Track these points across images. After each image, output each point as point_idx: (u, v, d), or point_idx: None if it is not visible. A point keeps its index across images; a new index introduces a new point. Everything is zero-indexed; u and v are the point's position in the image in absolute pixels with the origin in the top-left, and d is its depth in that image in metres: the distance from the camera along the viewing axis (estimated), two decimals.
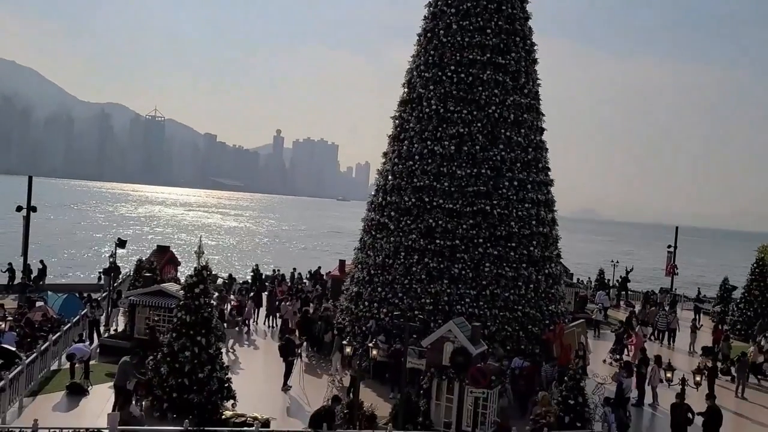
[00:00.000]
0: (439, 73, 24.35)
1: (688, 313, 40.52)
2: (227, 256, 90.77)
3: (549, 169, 26.00)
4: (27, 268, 34.72)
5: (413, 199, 23.92)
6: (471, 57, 24.12)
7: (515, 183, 23.99)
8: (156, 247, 37.66)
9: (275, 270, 42.48)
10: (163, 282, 26.81)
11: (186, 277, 19.28)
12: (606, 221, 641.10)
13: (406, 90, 25.72)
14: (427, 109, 24.36)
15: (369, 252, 25.04)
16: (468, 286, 23.04)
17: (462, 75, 24.11)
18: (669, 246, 49.27)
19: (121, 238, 34.87)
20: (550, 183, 25.91)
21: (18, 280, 34.40)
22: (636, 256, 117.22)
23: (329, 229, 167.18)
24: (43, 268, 37.84)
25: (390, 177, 25.07)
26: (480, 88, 24.02)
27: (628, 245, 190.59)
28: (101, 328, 26.64)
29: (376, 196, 25.80)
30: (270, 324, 31.14)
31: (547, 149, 26.11)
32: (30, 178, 34.25)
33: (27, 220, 33.74)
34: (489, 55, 24.16)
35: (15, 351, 20.40)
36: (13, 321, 25.01)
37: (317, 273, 42.03)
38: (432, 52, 24.69)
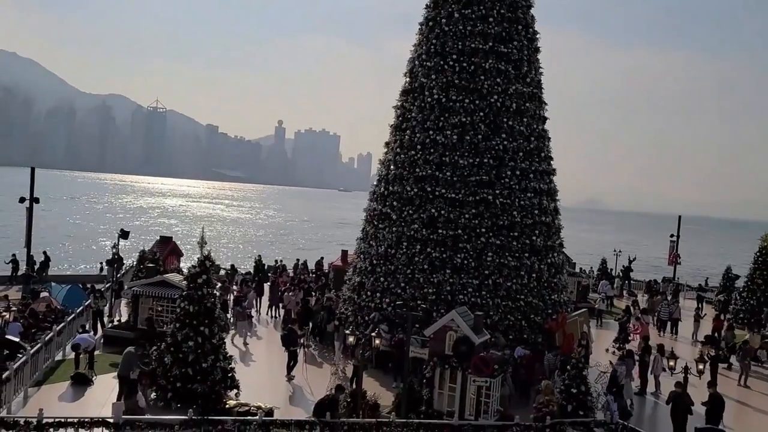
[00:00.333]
0: (441, 62, 24.25)
1: (690, 303, 40.52)
2: (229, 246, 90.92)
3: (551, 159, 25.94)
4: (30, 259, 34.79)
5: (415, 189, 23.90)
6: (473, 46, 24.02)
7: (518, 172, 23.94)
8: (159, 238, 37.73)
9: (276, 261, 42.56)
10: (166, 273, 26.87)
11: (189, 268, 19.32)
12: (610, 211, 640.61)
13: (407, 79, 25.64)
14: (429, 99, 24.28)
15: (371, 242, 25.06)
16: (470, 275, 23.06)
17: (464, 64, 24.00)
18: (672, 235, 49.19)
19: (124, 229, 34.91)
20: (552, 172, 25.86)
21: (22, 271, 34.50)
22: (639, 245, 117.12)
23: (333, 220, 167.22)
24: (46, 259, 37.95)
25: (392, 167, 25.03)
26: (482, 77, 23.93)
27: (631, 235, 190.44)
28: (105, 318, 26.73)
29: (378, 186, 25.77)
30: (273, 314, 31.22)
31: (550, 138, 26.05)
32: (32, 169, 34.19)
33: (30, 211, 33.74)
34: (491, 44, 24.05)
35: (19, 342, 20.50)
36: (18, 312, 25.11)
37: (319, 263, 42.13)
38: (434, 41, 24.57)
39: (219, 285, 29.13)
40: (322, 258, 44.58)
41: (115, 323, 26.03)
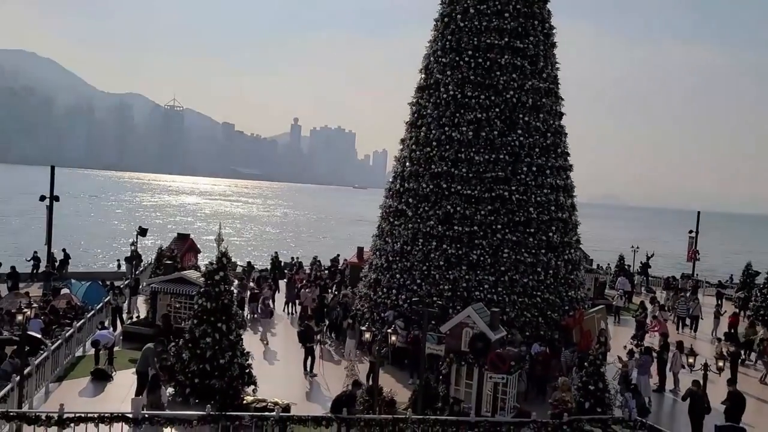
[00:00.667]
0: (457, 58, 24.17)
1: (710, 299, 40.06)
2: (246, 243, 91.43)
3: (568, 154, 25.76)
4: (51, 256, 35.26)
5: (431, 186, 23.87)
6: (488, 41, 23.91)
7: (534, 168, 23.81)
8: (176, 235, 38.06)
9: (292, 258, 42.75)
10: (184, 269, 27.10)
11: (206, 265, 19.47)
12: (627, 206, 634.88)
13: (423, 76, 25.59)
14: (445, 95, 24.22)
15: (387, 239, 25.07)
16: (486, 272, 23.00)
17: (479, 60, 23.91)
18: (691, 231, 48.64)
19: (142, 226, 35.26)
20: (569, 168, 25.68)
21: (42, 268, 34.97)
22: (657, 241, 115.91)
23: (349, 217, 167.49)
24: (66, 256, 38.42)
25: (407, 163, 25.02)
26: (498, 72, 23.82)
27: (649, 231, 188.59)
28: (124, 315, 27.04)
29: (393, 182, 25.77)
30: (289, 311, 31.36)
31: (566, 134, 25.87)
32: (52, 168, 34.66)
33: (50, 209, 34.22)
34: (507, 39, 23.93)
35: (40, 338, 20.82)
36: (39, 309, 25.46)
37: (335, 260, 42.27)
38: (449, 37, 24.49)
39: (236, 282, 29.34)
40: (338, 255, 44.71)
41: (134, 320, 26.34)
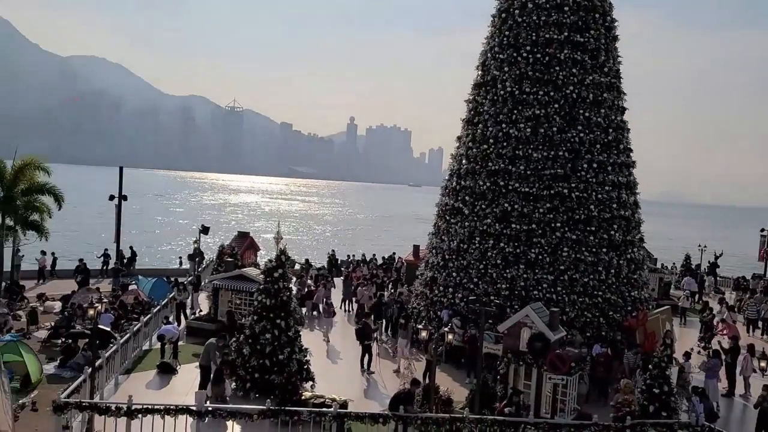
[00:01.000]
0: (514, 54, 23.81)
1: None
2: (304, 241, 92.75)
3: (631, 150, 25.02)
4: (120, 253, 36.71)
5: (488, 183, 23.62)
6: (547, 36, 23.46)
7: (594, 165, 23.24)
8: (237, 234, 38.98)
9: (348, 256, 43.11)
10: (244, 267, 27.73)
11: (265, 262, 19.86)
12: (692, 204, 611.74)
13: (480, 72, 25.33)
14: (502, 92, 23.92)
15: (443, 237, 24.96)
16: (545, 271, 22.60)
17: (538, 55, 23.48)
18: (763, 229, 46.48)
19: (205, 224, 36.27)
20: (632, 164, 24.95)
21: (112, 265, 36.45)
22: (727, 240, 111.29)
23: (404, 215, 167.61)
24: (133, 254, 39.92)
25: (464, 161, 24.83)
26: (557, 68, 23.35)
27: (716, 229, 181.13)
28: (188, 311, 27.88)
29: (450, 180, 25.62)
30: (346, 308, 31.62)
31: (629, 129, 25.12)
32: (120, 168, 36.09)
33: (119, 208, 35.65)
34: (566, 34, 23.42)
35: (110, 331, 21.73)
36: (109, 303, 26.57)
37: (391, 258, 42.39)
38: (507, 32, 24.16)
39: (295, 280, 29.81)
40: (393, 253, 44.80)
41: (196, 315, 27.11)
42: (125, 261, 38.06)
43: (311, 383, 18.51)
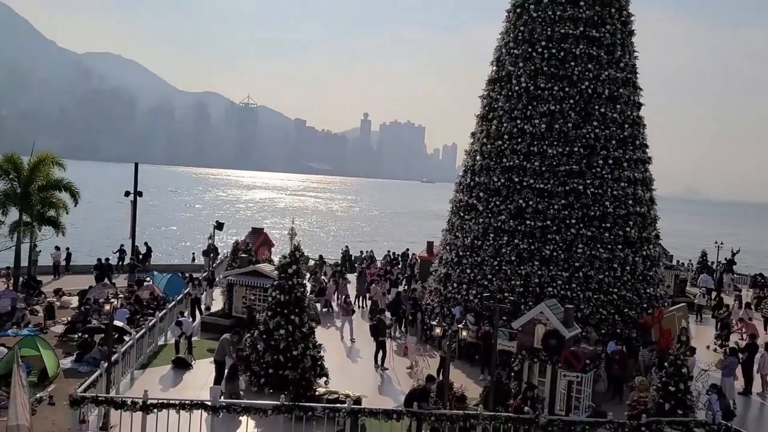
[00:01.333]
0: (529, 50, 23.65)
1: None
2: (317, 237, 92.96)
3: (647, 146, 24.77)
4: (135, 249, 37.00)
5: (502, 180, 23.50)
6: (563, 31, 23.27)
7: (610, 161, 23.04)
8: (251, 230, 39.13)
9: (362, 252, 43.14)
10: (258, 263, 27.83)
11: (279, 258, 19.91)
12: (709, 201, 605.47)
13: (494, 68, 25.18)
14: (517, 87, 23.77)
15: (457, 233, 24.89)
16: (560, 267, 22.47)
17: (553, 50, 23.30)
18: None
19: (219, 220, 36.44)
20: (648, 161, 24.70)
21: (127, 260, 36.75)
22: (744, 237, 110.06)
23: (418, 211, 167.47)
24: (148, 249, 40.22)
25: (478, 157, 24.72)
26: (572, 63, 23.16)
27: (734, 226, 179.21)
28: (202, 306, 28.04)
29: (464, 177, 25.52)
30: (360, 305, 31.65)
31: (645, 125, 24.87)
32: (136, 165, 36.34)
33: (134, 204, 35.92)
34: (582, 29, 23.22)
35: (123, 327, 21.88)
36: (124, 299, 26.81)
37: (404, 255, 42.37)
38: (521, 28, 23.99)
39: (309, 276, 29.86)
40: (407, 249, 44.78)
41: (211, 311, 27.25)
42: (140, 257, 38.35)
43: (325, 379, 18.55)
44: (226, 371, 17.87)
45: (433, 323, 19.75)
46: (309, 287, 30.07)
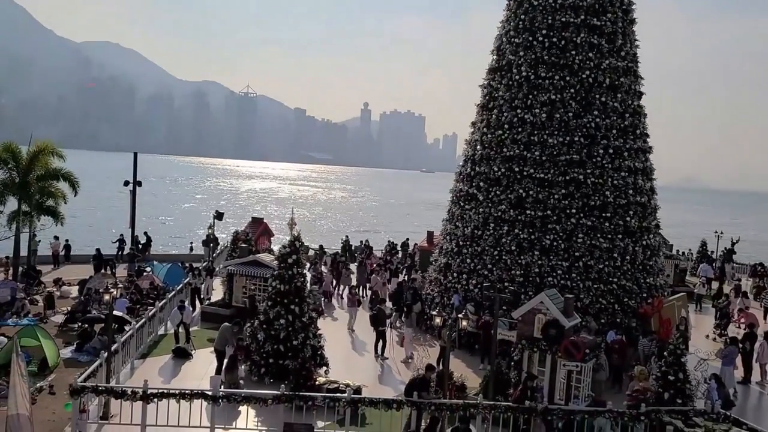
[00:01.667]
0: (530, 38, 23.51)
1: None
2: (318, 227, 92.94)
3: (648, 136, 24.69)
4: (135, 239, 36.96)
5: (503, 169, 23.43)
6: (564, 20, 23.13)
7: (610, 151, 22.97)
8: (251, 219, 39.08)
9: (361, 242, 43.10)
10: (258, 252, 27.80)
11: (279, 248, 19.88)
12: (710, 189, 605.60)
13: (495, 57, 25.05)
14: (517, 76, 23.65)
15: (457, 223, 24.86)
16: (560, 257, 22.46)
17: (554, 39, 23.17)
18: None
19: (219, 210, 36.39)
20: (648, 150, 24.64)
21: (127, 250, 36.73)
22: (743, 226, 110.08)
23: (418, 201, 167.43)
24: (148, 239, 40.17)
25: (478, 147, 24.64)
26: (573, 52, 23.03)
27: (734, 215, 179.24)
28: (203, 296, 28.05)
29: (464, 166, 25.45)
30: (360, 294, 31.61)
31: (646, 114, 24.78)
32: (135, 154, 36.23)
33: (133, 194, 35.86)
34: (583, 17, 23.08)
35: (123, 317, 21.89)
36: (124, 289, 26.82)
37: (405, 244, 42.31)
38: (522, 16, 23.84)
39: (309, 266, 29.82)
40: (407, 239, 44.73)
41: (211, 300, 27.26)
42: (140, 246, 38.32)
43: (325, 368, 18.58)
44: (225, 361, 17.91)
45: (433, 313, 19.76)
46: (309, 277, 30.15)
